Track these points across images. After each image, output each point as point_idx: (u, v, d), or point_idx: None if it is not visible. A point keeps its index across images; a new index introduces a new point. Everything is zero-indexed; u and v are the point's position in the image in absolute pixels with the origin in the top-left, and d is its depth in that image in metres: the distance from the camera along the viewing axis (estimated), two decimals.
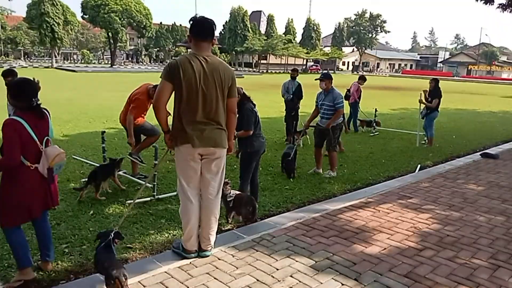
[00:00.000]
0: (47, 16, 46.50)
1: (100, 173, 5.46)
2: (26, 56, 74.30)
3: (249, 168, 5.02)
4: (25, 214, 3.21)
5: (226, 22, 67.80)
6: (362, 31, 77.71)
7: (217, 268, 3.55)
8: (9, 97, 3.20)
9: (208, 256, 3.74)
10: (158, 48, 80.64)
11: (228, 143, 3.60)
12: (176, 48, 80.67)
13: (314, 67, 74.65)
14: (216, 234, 3.86)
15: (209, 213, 3.62)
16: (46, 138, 3.19)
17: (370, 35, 79.26)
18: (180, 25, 79.21)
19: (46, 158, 3.12)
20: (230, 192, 4.64)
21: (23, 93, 3.12)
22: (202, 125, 3.35)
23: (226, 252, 3.85)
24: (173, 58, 3.41)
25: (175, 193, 5.56)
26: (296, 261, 3.72)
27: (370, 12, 78.22)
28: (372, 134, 11.20)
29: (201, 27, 3.40)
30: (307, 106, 10.50)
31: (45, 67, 48.63)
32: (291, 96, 9.47)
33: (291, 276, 3.45)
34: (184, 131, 3.35)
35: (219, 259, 3.70)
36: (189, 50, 3.65)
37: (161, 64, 75.58)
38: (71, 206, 5.04)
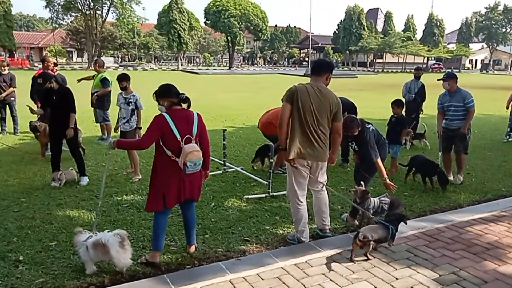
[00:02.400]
0: (175, 23, 50.89)
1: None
2: (156, 59, 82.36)
3: (373, 174, 4.97)
4: (160, 202, 3.56)
5: (340, 21, 66.69)
6: (494, 25, 69.77)
7: (333, 270, 3.52)
8: (157, 96, 3.66)
9: (329, 236, 4.24)
10: (272, 50, 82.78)
11: (332, 156, 4.28)
12: (290, 50, 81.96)
13: (435, 65, 69.29)
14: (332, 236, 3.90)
15: (319, 203, 4.25)
16: (187, 136, 3.51)
17: (503, 30, 70.76)
18: (295, 26, 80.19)
19: (182, 154, 3.43)
20: (375, 201, 4.52)
21: (168, 93, 3.62)
22: (311, 141, 3.96)
23: (341, 255, 3.79)
24: (293, 85, 4.03)
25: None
26: (418, 272, 3.50)
27: (505, 5, 69.80)
28: (505, 140, 9.97)
29: (319, 66, 4.13)
30: (428, 107, 9.81)
31: (172, 70, 53.31)
32: (413, 96, 8.92)
33: (412, 287, 3.26)
34: (297, 146, 3.95)
35: (334, 261, 3.66)
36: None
37: (274, 65, 77.49)
38: None
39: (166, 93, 3.61)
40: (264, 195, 5.55)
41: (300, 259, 3.68)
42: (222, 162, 6.83)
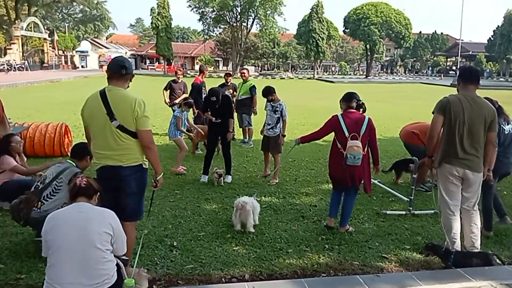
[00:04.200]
0: (314, 32, 51.55)
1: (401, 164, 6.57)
2: (292, 68, 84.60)
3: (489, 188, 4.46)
4: (334, 184, 4.72)
5: (497, 27, 59.37)
6: None
7: None
8: (341, 101, 4.63)
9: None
10: (414, 58, 77.89)
11: (484, 169, 4.00)
12: (435, 58, 76.01)
13: None
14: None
15: (469, 222, 4.02)
16: (353, 134, 4.30)
17: None
18: (441, 33, 74.12)
19: (346, 147, 4.27)
20: None
21: (349, 99, 4.53)
22: (462, 152, 3.84)
23: None
24: (444, 97, 3.94)
25: (432, 211, 5.26)
26: None
27: None
28: None
29: (469, 73, 4.00)
30: None
31: (308, 78, 54.15)
32: None
33: None
34: (447, 155, 3.90)
35: None
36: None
37: (416, 74, 72.77)
38: None
39: (348, 99, 4.53)
40: (404, 212, 5.24)
41: (447, 286, 3.38)
42: None
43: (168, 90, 9.63)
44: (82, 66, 57.86)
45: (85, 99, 3.35)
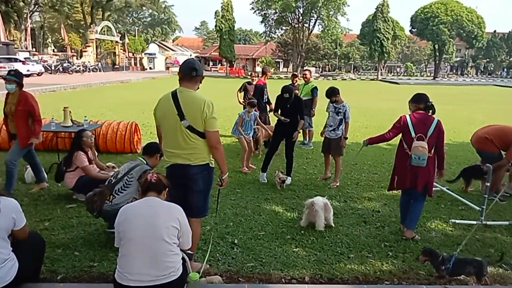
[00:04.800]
0: (378, 32, 50.01)
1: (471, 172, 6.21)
2: (355, 69, 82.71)
3: None
4: (393, 183, 4.61)
5: None
6: None
7: None
8: (410, 102, 4.58)
9: None
10: (488, 59, 72.98)
11: None
12: (511, 58, 70.76)
13: None
14: None
15: None
16: (420, 134, 4.24)
17: None
18: None
19: (411, 147, 4.25)
20: None
21: (419, 100, 4.49)
22: None
23: None
24: None
25: (507, 222, 4.91)
26: None
27: None
28: None
29: None
30: None
31: (371, 80, 52.68)
32: None
33: None
34: None
35: None
36: None
37: (489, 76, 68.12)
38: (395, 212, 5.24)
39: (417, 100, 4.51)
40: (474, 222, 4.92)
41: None
42: None
43: (243, 92, 9.76)
44: (150, 68, 60.76)
45: (152, 99, 3.53)
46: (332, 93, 6.33)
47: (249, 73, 10.40)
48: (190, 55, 69.79)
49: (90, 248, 3.95)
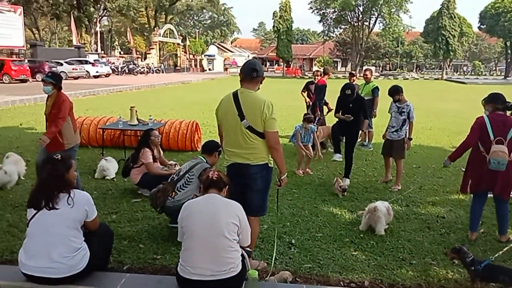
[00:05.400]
0: (444, 29, 47.58)
1: None
2: (417, 68, 79.32)
3: None
4: (466, 186, 4.37)
5: None
6: None
7: None
8: (484, 102, 4.38)
9: None
10: None
11: None
12: None
13: None
14: None
15: None
16: (499, 138, 4.03)
17: None
18: None
19: (490, 151, 4.03)
20: None
21: (495, 100, 4.25)
22: None
23: None
24: None
25: None
26: None
27: None
28: None
29: None
30: None
31: (435, 79, 50.26)
32: None
33: None
34: None
35: None
36: None
37: None
38: (461, 218, 4.96)
39: (494, 100, 4.26)
40: None
41: None
42: None
43: (306, 91, 9.78)
44: (209, 69, 62.36)
45: (211, 100, 3.65)
46: (395, 91, 6.09)
47: (313, 72, 10.28)
48: (248, 56, 70.68)
49: (153, 241, 4.12)
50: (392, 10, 48.98)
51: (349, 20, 51.93)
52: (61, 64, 30.14)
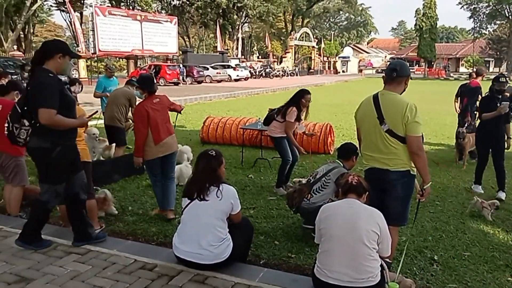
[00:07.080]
0: None
1: None
2: None
3: None
4: None
5: None
6: None
7: None
8: None
9: None
10: None
11: None
12: None
13: None
14: None
15: None
16: None
17: None
18: None
19: None
20: None
21: None
22: None
23: None
24: None
25: None
26: None
27: None
28: None
29: None
30: None
31: None
32: None
33: None
34: None
35: None
36: None
37: None
38: None
39: None
40: None
41: None
42: None
43: (459, 97, 8.64)
44: (343, 71, 61.52)
45: (344, 102, 3.61)
46: None
47: (469, 74, 9.02)
48: (385, 56, 67.73)
49: (288, 240, 4.23)
50: None
51: (506, 15, 45.83)
52: (207, 69, 33.07)
